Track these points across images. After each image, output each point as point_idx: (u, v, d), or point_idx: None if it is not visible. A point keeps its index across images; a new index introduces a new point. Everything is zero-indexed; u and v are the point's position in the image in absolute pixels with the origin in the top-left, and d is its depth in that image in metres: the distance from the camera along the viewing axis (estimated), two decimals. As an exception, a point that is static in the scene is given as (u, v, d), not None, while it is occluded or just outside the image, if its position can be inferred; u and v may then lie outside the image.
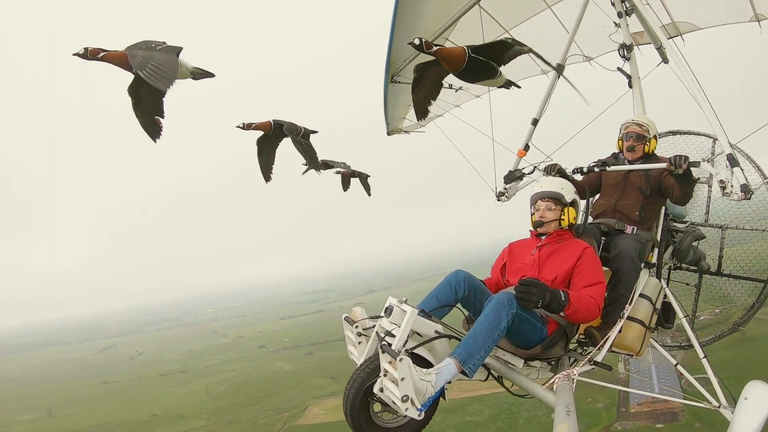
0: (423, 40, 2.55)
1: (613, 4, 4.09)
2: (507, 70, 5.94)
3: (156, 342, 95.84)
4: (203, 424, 45.89)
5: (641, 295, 3.30)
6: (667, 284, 4.09)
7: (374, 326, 2.57)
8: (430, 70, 2.91)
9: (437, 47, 2.57)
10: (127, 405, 54.41)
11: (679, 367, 3.70)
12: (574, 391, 2.59)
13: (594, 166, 3.35)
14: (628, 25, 4.08)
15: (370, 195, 6.50)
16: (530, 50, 3.05)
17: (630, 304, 3.15)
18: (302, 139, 4.32)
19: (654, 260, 3.57)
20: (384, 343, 2.27)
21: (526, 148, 4.20)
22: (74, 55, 2.72)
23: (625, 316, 3.13)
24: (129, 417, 49.73)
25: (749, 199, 2.94)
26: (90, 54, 2.75)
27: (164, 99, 2.96)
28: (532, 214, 3.15)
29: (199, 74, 3.18)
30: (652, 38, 4.26)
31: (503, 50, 2.77)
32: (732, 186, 2.94)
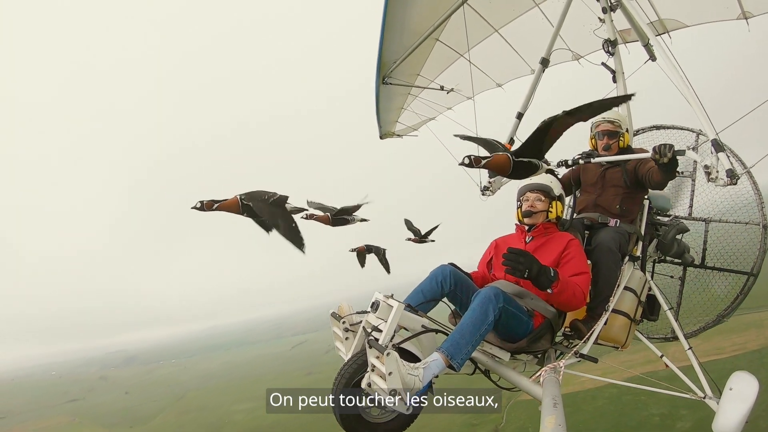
0: (472, 157, 2.57)
1: (598, 0, 4.12)
2: (496, 73, 5.95)
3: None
4: (426, 401, 46.81)
5: (626, 288, 3.31)
6: (652, 277, 4.13)
7: (361, 322, 2.57)
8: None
9: (485, 160, 2.61)
10: (342, 391, 55.86)
11: (664, 358, 3.74)
12: (561, 384, 2.60)
13: (579, 158, 3.35)
14: (612, 20, 4.11)
15: (389, 272, 5.76)
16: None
17: (614, 297, 3.17)
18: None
19: (638, 253, 3.59)
20: (371, 338, 2.27)
21: (511, 142, 4.20)
22: (192, 208, 3.12)
23: (611, 308, 3.15)
24: (348, 400, 51.30)
25: (735, 184, 2.90)
26: (206, 206, 3.16)
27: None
28: (519, 207, 3.18)
29: (295, 211, 3.55)
30: (639, 35, 4.28)
31: (540, 143, 2.81)
32: (717, 171, 2.95)
